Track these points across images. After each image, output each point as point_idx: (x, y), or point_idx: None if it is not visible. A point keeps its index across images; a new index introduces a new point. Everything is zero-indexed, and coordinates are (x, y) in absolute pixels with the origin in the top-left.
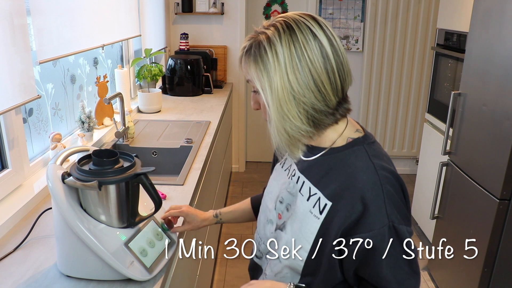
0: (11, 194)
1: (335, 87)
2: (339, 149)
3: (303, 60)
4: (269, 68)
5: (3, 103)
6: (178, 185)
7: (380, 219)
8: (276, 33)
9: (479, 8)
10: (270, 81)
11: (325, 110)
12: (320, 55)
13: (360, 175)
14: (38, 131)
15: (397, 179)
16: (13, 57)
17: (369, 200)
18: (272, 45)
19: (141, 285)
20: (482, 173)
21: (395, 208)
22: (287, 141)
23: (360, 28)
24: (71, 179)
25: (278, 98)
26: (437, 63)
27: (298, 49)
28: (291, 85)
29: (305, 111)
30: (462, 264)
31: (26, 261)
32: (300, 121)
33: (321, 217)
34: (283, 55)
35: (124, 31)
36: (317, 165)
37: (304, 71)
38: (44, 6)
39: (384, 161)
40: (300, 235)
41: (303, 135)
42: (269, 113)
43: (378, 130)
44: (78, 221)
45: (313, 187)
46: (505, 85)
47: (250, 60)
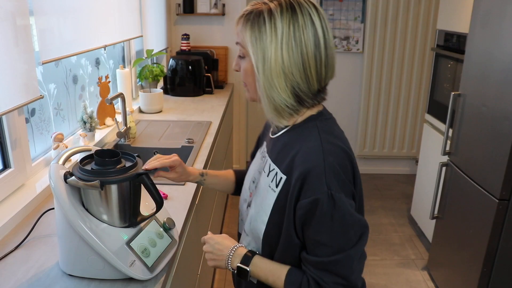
0: (14, 193)
1: (320, 74)
2: (296, 125)
3: (298, 41)
4: (265, 38)
5: (6, 103)
6: (179, 185)
7: (319, 187)
8: (279, 8)
9: (479, 9)
10: (264, 50)
11: (307, 92)
12: (313, 42)
13: (307, 148)
14: (40, 131)
15: (344, 155)
16: (16, 57)
17: (310, 170)
18: (272, 18)
19: (143, 284)
20: (481, 174)
21: (335, 179)
22: (273, 107)
23: (360, 29)
24: (73, 178)
25: (270, 69)
26: (437, 64)
27: (296, 30)
28: (283, 61)
29: (291, 86)
30: (461, 264)
31: (29, 260)
32: (286, 94)
33: (277, 190)
34: (281, 30)
35: (126, 32)
36: (277, 142)
37: (297, 51)
38: (47, 7)
39: (333, 136)
40: (260, 209)
41: (288, 107)
42: (257, 79)
43: (378, 130)
44: (80, 221)
45: (272, 163)
46: (505, 86)
47: (248, 25)
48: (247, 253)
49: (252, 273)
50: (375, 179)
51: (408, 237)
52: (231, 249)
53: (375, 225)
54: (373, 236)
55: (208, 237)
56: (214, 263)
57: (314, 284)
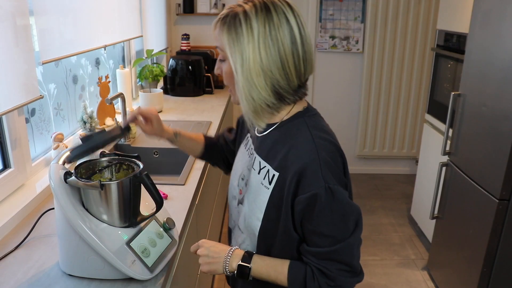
0: (14, 193)
1: (299, 70)
2: (283, 122)
3: (274, 40)
4: (242, 39)
5: (6, 103)
6: (179, 185)
7: (317, 182)
8: (253, 9)
9: (479, 9)
10: (241, 51)
11: (287, 88)
12: (290, 39)
13: (299, 144)
14: (40, 131)
15: (335, 148)
16: (16, 57)
17: (307, 166)
18: (247, 19)
19: (143, 284)
20: (481, 174)
21: (331, 172)
22: (253, 108)
23: (360, 29)
24: (73, 178)
25: (249, 69)
26: (437, 64)
27: (272, 29)
28: (261, 59)
29: (272, 84)
30: (461, 264)
31: (29, 260)
32: (266, 92)
33: (271, 187)
34: (257, 30)
35: (126, 32)
36: (265, 140)
37: (274, 49)
38: (47, 7)
39: (322, 131)
40: (254, 207)
41: (268, 106)
42: (237, 81)
43: (378, 130)
44: (80, 221)
45: (262, 161)
46: (505, 86)
47: (224, 28)
48: (246, 253)
49: (254, 271)
50: (375, 179)
51: (408, 237)
52: (228, 251)
53: (375, 225)
54: (373, 236)
55: (202, 241)
56: (209, 267)
57: (319, 274)
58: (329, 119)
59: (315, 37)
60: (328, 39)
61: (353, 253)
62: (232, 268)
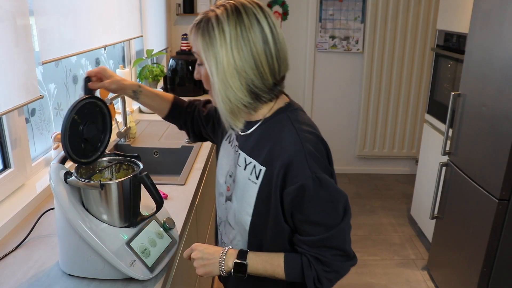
0: (14, 193)
1: (273, 69)
2: (266, 119)
3: (246, 41)
4: (215, 42)
5: (6, 103)
6: (179, 185)
7: (304, 173)
8: (225, 13)
9: (479, 9)
10: (215, 54)
11: (262, 87)
12: (261, 39)
13: (284, 138)
14: (40, 131)
15: (318, 139)
16: (16, 57)
17: (293, 158)
18: (219, 23)
19: (143, 284)
20: (481, 174)
21: (316, 162)
22: (230, 109)
23: (360, 29)
24: (73, 178)
25: (223, 71)
26: (437, 64)
27: (243, 31)
28: (235, 61)
29: (247, 84)
30: (461, 264)
31: (29, 260)
32: (242, 92)
33: (258, 182)
34: (229, 33)
35: (126, 32)
36: (250, 137)
37: (246, 50)
38: (47, 7)
39: (305, 124)
40: (243, 201)
41: (245, 106)
42: (212, 82)
43: (378, 130)
44: (80, 221)
45: (248, 157)
46: (505, 86)
47: (198, 33)
48: (240, 251)
49: (250, 267)
50: (375, 179)
51: (408, 237)
52: (223, 251)
53: (375, 225)
54: (373, 236)
55: (194, 245)
56: (205, 269)
57: (315, 261)
58: (329, 119)
59: (315, 37)
60: (328, 39)
61: (345, 238)
62: (228, 268)
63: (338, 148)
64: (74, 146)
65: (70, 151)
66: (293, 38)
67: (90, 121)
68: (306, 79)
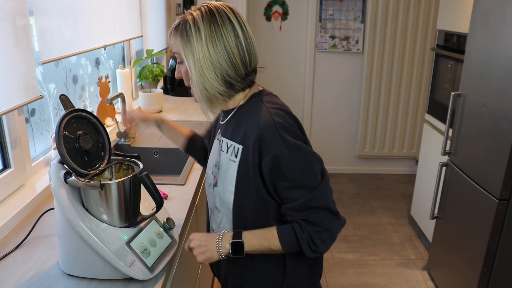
0: (14, 193)
1: (244, 60)
2: (242, 105)
3: (220, 37)
4: (192, 40)
5: (6, 103)
6: (179, 184)
7: (276, 142)
8: (200, 14)
9: (479, 9)
10: (192, 50)
11: (235, 77)
12: (233, 35)
13: (256, 116)
14: (40, 131)
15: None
16: (16, 57)
17: (264, 130)
18: (196, 23)
19: (143, 284)
20: (481, 174)
21: (287, 132)
22: (207, 98)
23: (360, 29)
24: (73, 178)
25: (200, 64)
26: (437, 64)
27: (216, 28)
28: (210, 55)
29: (221, 75)
30: (461, 264)
31: (29, 260)
32: (217, 82)
33: (237, 160)
34: (204, 31)
35: (126, 32)
36: (229, 124)
37: (220, 44)
38: (47, 7)
39: (276, 104)
40: (226, 182)
41: (220, 94)
42: (191, 76)
43: (378, 130)
44: (80, 221)
45: (229, 141)
46: (505, 86)
47: (178, 34)
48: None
49: (247, 245)
50: (375, 179)
51: (408, 237)
52: (218, 235)
53: (375, 225)
54: (373, 236)
55: (192, 235)
56: (205, 255)
57: (305, 224)
58: (329, 119)
59: (315, 37)
60: (328, 39)
61: (328, 197)
62: (226, 249)
63: (338, 148)
64: (78, 162)
65: (77, 168)
66: (293, 38)
67: (83, 132)
68: (306, 79)
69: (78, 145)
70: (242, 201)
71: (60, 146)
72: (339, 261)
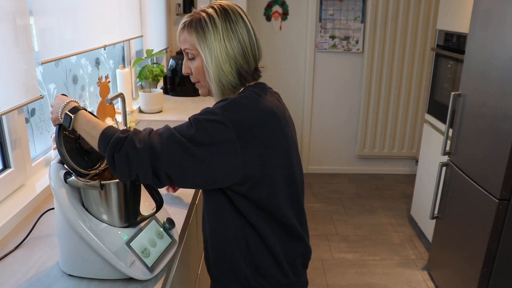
0: (14, 193)
1: (255, 55)
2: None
3: (235, 33)
4: (209, 36)
5: (6, 103)
6: None
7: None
8: (215, 12)
9: (479, 9)
10: (210, 45)
11: (248, 70)
12: (246, 31)
13: None
14: (40, 131)
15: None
16: (16, 57)
17: None
18: (212, 19)
19: (143, 284)
20: (481, 174)
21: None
22: (221, 90)
23: (360, 29)
24: (73, 178)
25: (217, 58)
26: (437, 64)
27: (232, 25)
28: (227, 49)
29: (236, 68)
30: (461, 264)
31: (29, 260)
32: (232, 76)
33: None
34: (221, 27)
35: (125, 31)
36: None
37: (235, 40)
38: (47, 7)
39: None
40: None
41: (233, 86)
42: (208, 70)
43: (378, 130)
44: (80, 221)
45: None
46: (505, 86)
47: (192, 31)
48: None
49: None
50: (375, 179)
51: (408, 237)
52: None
53: (375, 225)
54: (373, 236)
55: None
56: (52, 116)
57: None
58: (329, 119)
59: (315, 37)
60: (328, 39)
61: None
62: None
63: (338, 148)
64: (78, 162)
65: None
66: (293, 38)
67: None
68: (306, 79)
69: (79, 145)
70: None
71: (60, 146)
72: (339, 261)
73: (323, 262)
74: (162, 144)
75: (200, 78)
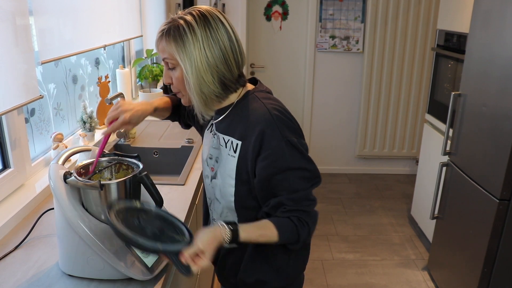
0: (13, 193)
1: (238, 61)
2: (238, 101)
3: (216, 40)
4: (189, 45)
5: (6, 103)
6: (179, 185)
7: (276, 137)
8: (193, 19)
9: (479, 9)
10: (189, 55)
11: (230, 78)
12: (227, 37)
13: (254, 113)
14: (40, 131)
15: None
16: (16, 57)
17: (264, 127)
18: (190, 27)
19: (143, 285)
20: (482, 174)
21: (286, 127)
22: (203, 101)
23: (360, 29)
24: (73, 178)
25: (198, 68)
26: (437, 64)
27: (212, 32)
28: (208, 58)
29: (218, 77)
30: (461, 264)
31: (28, 260)
32: (214, 85)
33: (236, 155)
34: (200, 35)
35: (125, 31)
36: (225, 120)
37: (216, 48)
38: (46, 7)
39: (272, 99)
40: (225, 175)
41: (216, 96)
42: (188, 81)
43: (378, 130)
44: (80, 221)
45: (225, 136)
46: (505, 86)
47: (170, 40)
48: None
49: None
50: (375, 179)
51: (408, 237)
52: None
53: (375, 225)
54: (373, 236)
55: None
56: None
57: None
58: (329, 119)
59: (315, 37)
60: (328, 39)
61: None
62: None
63: (338, 148)
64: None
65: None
66: (293, 38)
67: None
68: (306, 79)
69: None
70: (242, 194)
71: None
72: (339, 261)
73: (323, 262)
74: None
75: (181, 89)
